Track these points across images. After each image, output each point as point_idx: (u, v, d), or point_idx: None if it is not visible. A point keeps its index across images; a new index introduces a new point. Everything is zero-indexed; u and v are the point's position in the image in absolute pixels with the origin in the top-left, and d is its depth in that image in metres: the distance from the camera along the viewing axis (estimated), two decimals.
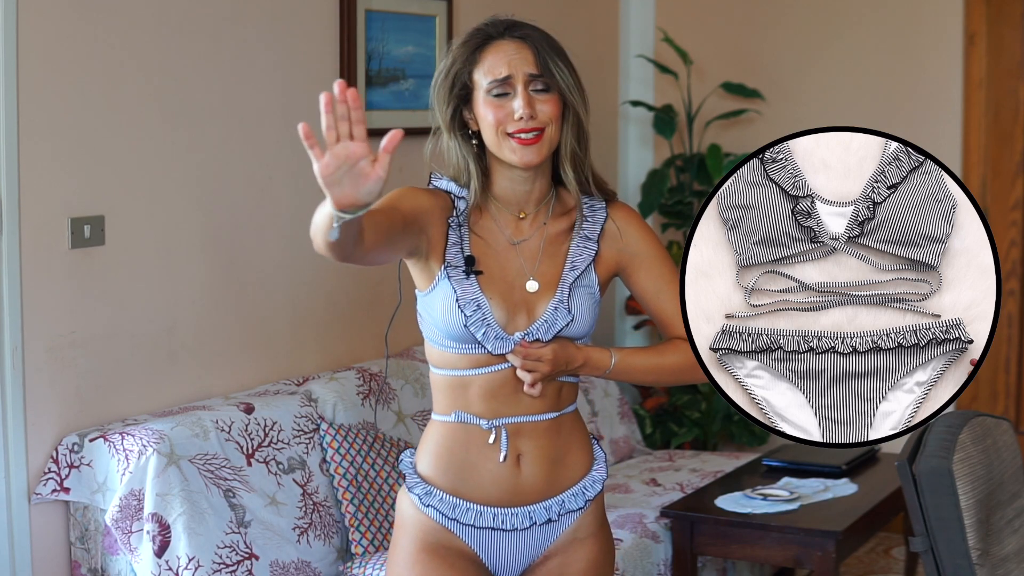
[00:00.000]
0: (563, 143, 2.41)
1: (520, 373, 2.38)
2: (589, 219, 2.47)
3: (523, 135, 2.35)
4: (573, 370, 2.43)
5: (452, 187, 2.44)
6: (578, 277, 2.43)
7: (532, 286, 2.42)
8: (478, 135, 2.41)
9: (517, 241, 2.44)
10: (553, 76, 2.35)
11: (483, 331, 2.36)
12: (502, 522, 2.43)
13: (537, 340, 2.39)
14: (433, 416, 2.48)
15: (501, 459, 2.41)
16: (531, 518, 2.44)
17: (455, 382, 2.42)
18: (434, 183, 2.46)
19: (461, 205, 2.42)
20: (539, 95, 2.36)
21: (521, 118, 2.34)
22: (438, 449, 2.45)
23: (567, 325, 2.40)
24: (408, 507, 2.46)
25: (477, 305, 2.36)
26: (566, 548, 2.48)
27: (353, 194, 1.96)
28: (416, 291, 2.46)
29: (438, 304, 2.38)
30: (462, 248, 2.40)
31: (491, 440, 2.41)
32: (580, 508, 2.48)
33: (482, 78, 2.36)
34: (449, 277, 2.38)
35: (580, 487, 2.48)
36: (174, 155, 3.65)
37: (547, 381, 2.42)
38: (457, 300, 2.36)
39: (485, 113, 2.36)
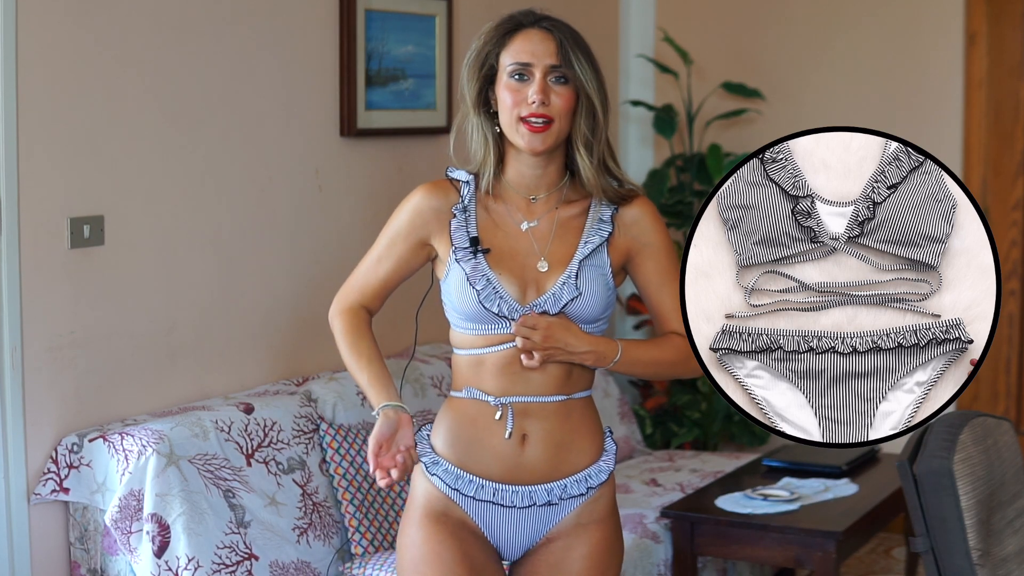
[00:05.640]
0: (576, 131, 2.49)
1: (516, 340, 2.46)
2: (605, 202, 2.54)
3: (533, 120, 2.44)
4: (577, 357, 2.48)
5: (461, 174, 2.56)
6: (589, 255, 2.50)
7: (543, 266, 2.50)
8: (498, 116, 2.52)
9: (529, 224, 2.52)
10: (572, 69, 2.45)
11: (497, 304, 2.46)
12: (501, 498, 2.50)
13: (545, 312, 2.46)
14: (450, 394, 2.58)
15: (506, 436, 2.48)
16: (531, 498, 2.51)
17: (472, 360, 2.52)
18: (447, 174, 2.58)
19: (465, 190, 2.53)
20: (556, 86, 2.46)
21: (533, 103, 2.43)
22: (448, 423, 2.54)
23: (573, 300, 2.47)
24: (418, 476, 2.56)
25: (487, 280, 2.46)
26: (570, 532, 2.54)
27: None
28: (440, 281, 2.58)
29: (453, 287, 2.50)
30: (467, 230, 2.50)
31: (497, 416, 2.49)
32: (582, 495, 2.53)
33: (506, 61, 2.48)
34: (458, 260, 2.49)
35: (584, 474, 2.53)
36: (173, 155, 3.65)
37: (551, 360, 2.48)
38: (468, 278, 2.47)
39: (504, 95, 2.47)
